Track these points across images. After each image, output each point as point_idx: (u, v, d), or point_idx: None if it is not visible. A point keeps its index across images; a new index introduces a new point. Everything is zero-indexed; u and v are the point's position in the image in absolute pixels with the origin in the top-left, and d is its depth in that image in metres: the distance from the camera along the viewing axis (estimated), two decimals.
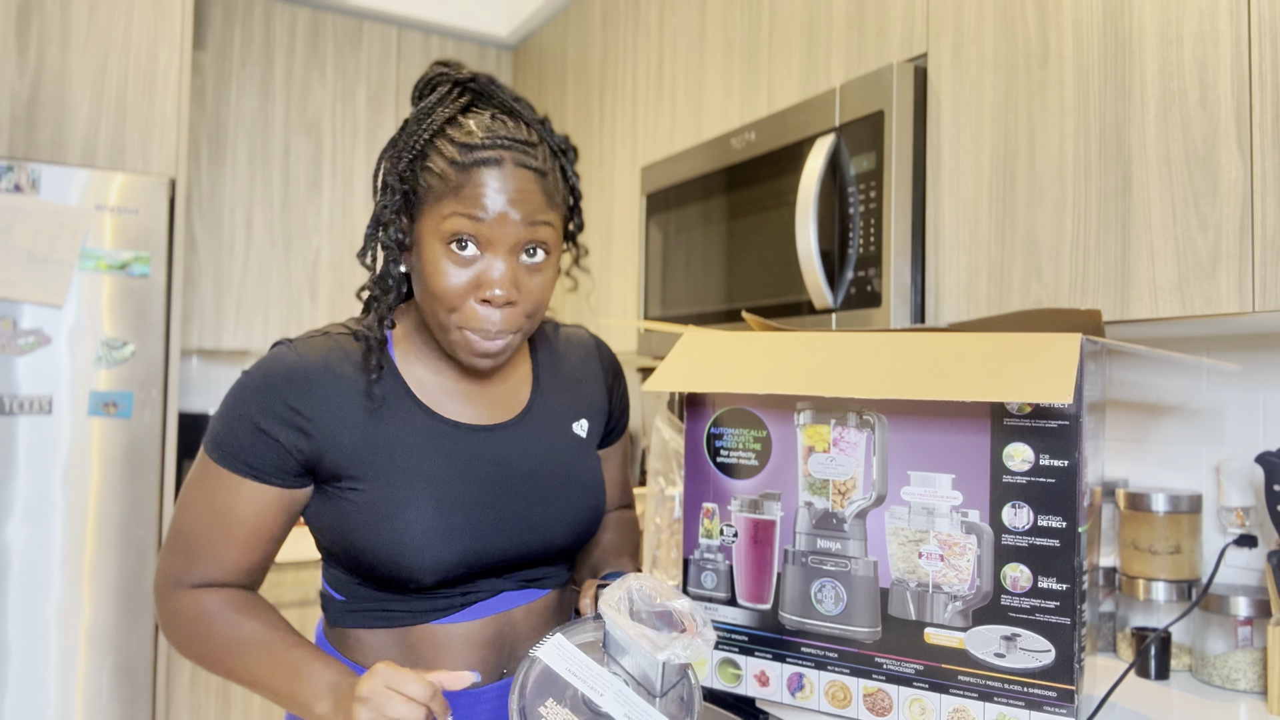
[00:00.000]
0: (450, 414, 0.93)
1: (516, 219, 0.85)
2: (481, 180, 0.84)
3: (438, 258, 0.85)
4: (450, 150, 0.85)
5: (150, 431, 2.08)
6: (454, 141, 0.86)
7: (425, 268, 0.86)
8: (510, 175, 0.85)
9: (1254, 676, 1.11)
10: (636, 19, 2.18)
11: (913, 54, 1.38)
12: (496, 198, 0.84)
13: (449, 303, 0.85)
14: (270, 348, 0.90)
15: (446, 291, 0.85)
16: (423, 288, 0.87)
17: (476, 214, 0.83)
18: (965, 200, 1.28)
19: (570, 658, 0.81)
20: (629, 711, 0.78)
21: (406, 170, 0.87)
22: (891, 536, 0.93)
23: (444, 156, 0.85)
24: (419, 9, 2.72)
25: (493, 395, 0.97)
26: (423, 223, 0.86)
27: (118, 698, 2.02)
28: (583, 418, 1.03)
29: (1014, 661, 0.87)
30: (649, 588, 0.84)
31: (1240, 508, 1.20)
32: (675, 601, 0.84)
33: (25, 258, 1.95)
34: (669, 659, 0.78)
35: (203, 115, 2.49)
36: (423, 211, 0.86)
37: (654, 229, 1.89)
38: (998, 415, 0.88)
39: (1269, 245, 0.95)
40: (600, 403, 1.06)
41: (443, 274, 0.85)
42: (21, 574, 1.94)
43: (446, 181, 0.84)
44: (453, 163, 0.84)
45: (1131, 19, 1.09)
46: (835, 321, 1.40)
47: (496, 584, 0.93)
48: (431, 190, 0.85)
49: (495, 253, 0.85)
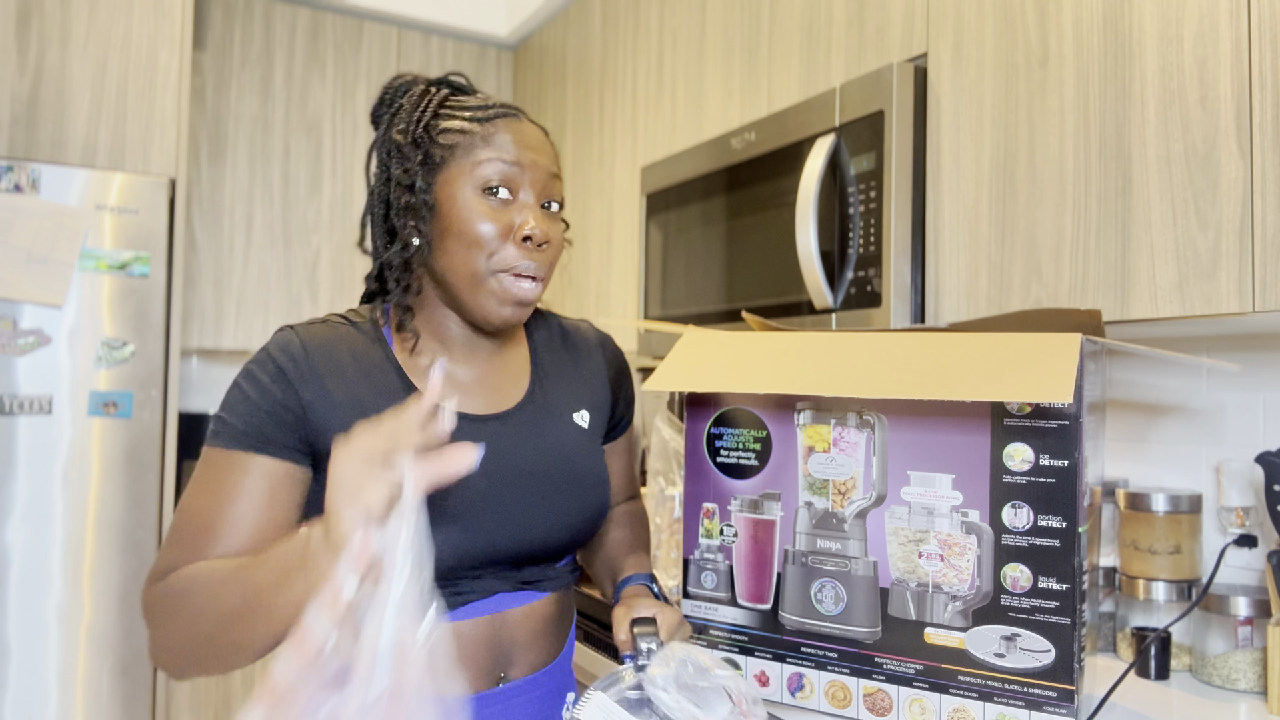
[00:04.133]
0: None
1: (542, 166, 0.91)
2: (506, 130, 0.90)
3: (472, 206, 0.88)
4: (463, 113, 0.90)
5: (150, 431, 2.08)
6: (462, 108, 0.91)
7: (458, 218, 0.88)
8: (528, 129, 0.92)
9: (1254, 676, 1.11)
10: (636, 19, 2.18)
11: (913, 54, 1.38)
12: (522, 145, 0.90)
13: (489, 247, 0.87)
14: (274, 334, 0.91)
15: (485, 236, 0.87)
16: (455, 244, 0.88)
17: (509, 158, 0.88)
18: (965, 200, 1.28)
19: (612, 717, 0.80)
20: None
21: (421, 136, 0.90)
22: (891, 536, 0.93)
23: (459, 118, 0.90)
24: (419, 9, 2.72)
25: (491, 385, 0.96)
26: (446, 179, 0.89)
27: (118, 698, 2.02)
28: (584, 409, 1.02)
29: (1014, 661, 0.87)
30: (698, 659, 0.83)
31: (1240, 508, 1.20)
32: (726, 681, 0.83)
33: (25, 258, 1.95)
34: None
35: (203, 115, 2.49)
36: (446, 169, 0.89)
37: (654, 229, 1.89)
38: (998, 415, 0.88)
39: (1269, 245, 0.95)
40: (603, 395, 1.06)
41: (480, 219, 0.87)
42: (21, 574, 1.94)
43: (471, 135, 0.89)
44: (471, 119, 0.89)
45: (1131, 19, 1.09)
46: (835, 321, 1.40)
47: (491, 584, 0.90)
48: (458, 146, 0.89)
49: (525, 197, 0.90)
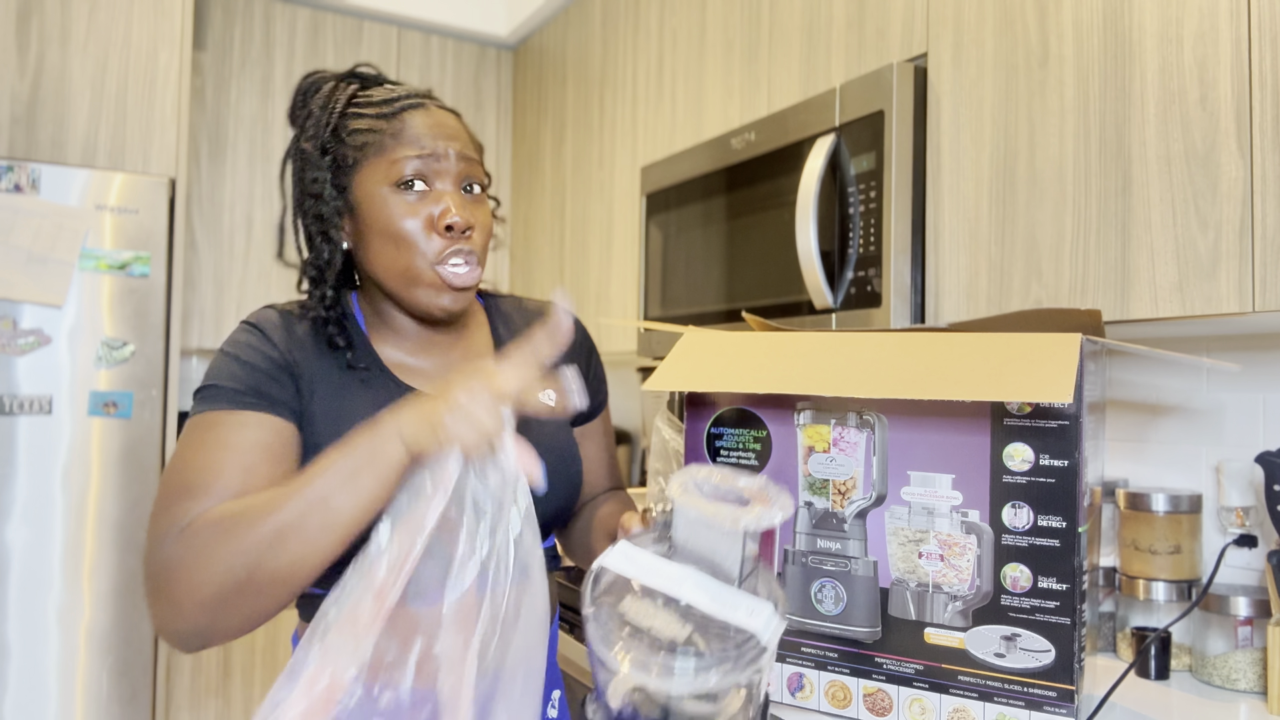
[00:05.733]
0: (421, 386, 0.93)
1: (454, 153, 0.89)
2: (414, 122, 0.89)
3: (389, 205, 0.87)
4: (370, 110, 0.89)
5: (150, 431, 2.08)
6: (369, 104, 0.90)
7: (378, 219, 0.87)
8: (436, 115, 0.90)
9: (1254, 676, 1.11)
10: (636, 19, 2.18)
11: (913, 54, 1.38)
12: (433, 134, 0.88)
13: (413, 242, 0.86)
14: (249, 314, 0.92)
15: (408, 231, 0.86)
16: (380, 242, 0.88)
17: (421, 151, 0.87)
18: (965, 200, 1.28)
19: (639, 562, 0.76)
20: (712, 595, 0.73)
21: (329, 141, 0.89)
22: (891, 536, 0.93)
23: (366, 117, 0.89)
24: (419, 9, 2.72)
25: (455, 368, 0.97)
26: (361, 181, 0.88)
27: (118, 698, 2.02)
28: (549, 388, 1.02)
29: (1014, 661, 0.87)
30: (712, 473, 0.80)
31: (1240, 508, 1.20)
32: (743, 480, 0.80)
33: (25, 258, 1.95)
34: (749, 527, 0.74)
35: (203, 115, 2.49)
36: (359, 170, 0.88)
37: (654, 229, 1.89)
38: (998, 415, 0.88)
39: (1269, 245, 0.95)
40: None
41: (400, 216, 0.87)
42: (21, 574, 1.94)
43: (380, 133, 0.88)
44: (379, 116, 0.88)
45: (1131, 19, 1.09)
46: (835, 321, 1.40)
47: None
48: (367, 147, 0.88)
49: (443, 186, 0.89)
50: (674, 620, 0.71)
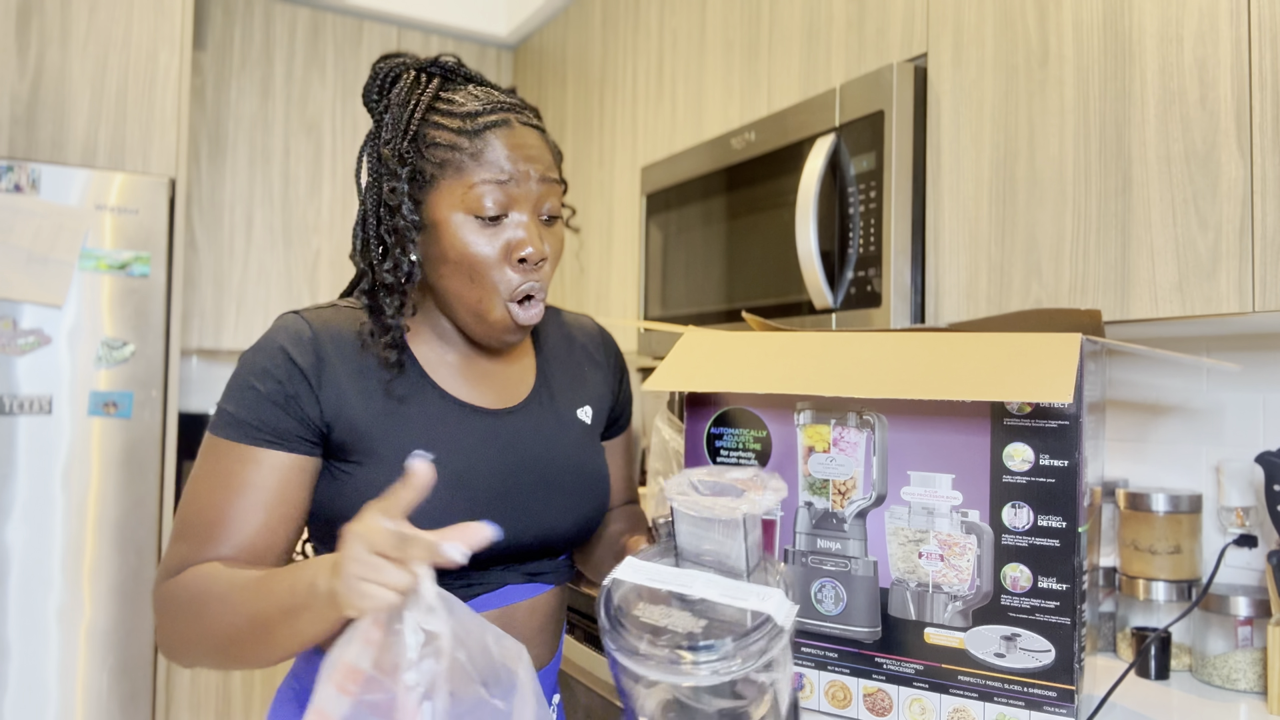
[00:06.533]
0: (461, 396, 0.92)
1: (536, 175, 0.86)
2: (497, 142, 0.84)
3: (464, 233, 0.84)
4: (451, 122, 0.85)
5: (150, 431, 2.08)
6: (451, 114, 0.85)
7: (453, 245, 0.84)
8: (520, 133, 0.86)
9: (1254, 676, 1.11)
10: (636, 19, 2.18)
11: (913, 54, 1.38)
12: (515, 156, 0.84)
13: (486, 274, 0.84)
14: (278, 319, 0.88)
15: (482, 262, 0.84)
16: (452, 269, 0.85)
17: (501, 177, 0.83)
18: (965, 200, 1.28)
19: (647, 571, 0.78)
20: (722, 589, 0.75)
21: (408, 151, 0.85)
22: (891, 536, 0.93)
23: (447, 129, 0.84)
24: (419, 9, 2.72)
25: (499, 379, 0.95)
26: (438, 200, 0.85)
27: (118, 698, 2.02)
28: (587, 404, 1.02)
29: (1014, 661, 0.87)
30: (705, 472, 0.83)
31: (1240, 508, 1.20)
32: (735, 473, 0.83)
33: (25, 258, 1.95)
34: (748, 512, 0.76)
35: (203, 115, 2.49)
36: (437, 188, 0.85)
37: (654, 229, 1.89)
38: (998, 415, 0.88)
39: (1269, 245, 0.95)
40: (604, 391, 1.05)
41: (475, 245, 0.84)
42: (21, 574, 1.94)
43: (460, 151, 0.84)
44: (460, 132, 0.84)
45: (1131, 19, 1.09)
46: (835, 321, 1.40)
47: (499, 576, 0.91)
48: (447, 164, 0.84)
49: (521, 212, 0.85)
50: (689, 617, 0.73)
